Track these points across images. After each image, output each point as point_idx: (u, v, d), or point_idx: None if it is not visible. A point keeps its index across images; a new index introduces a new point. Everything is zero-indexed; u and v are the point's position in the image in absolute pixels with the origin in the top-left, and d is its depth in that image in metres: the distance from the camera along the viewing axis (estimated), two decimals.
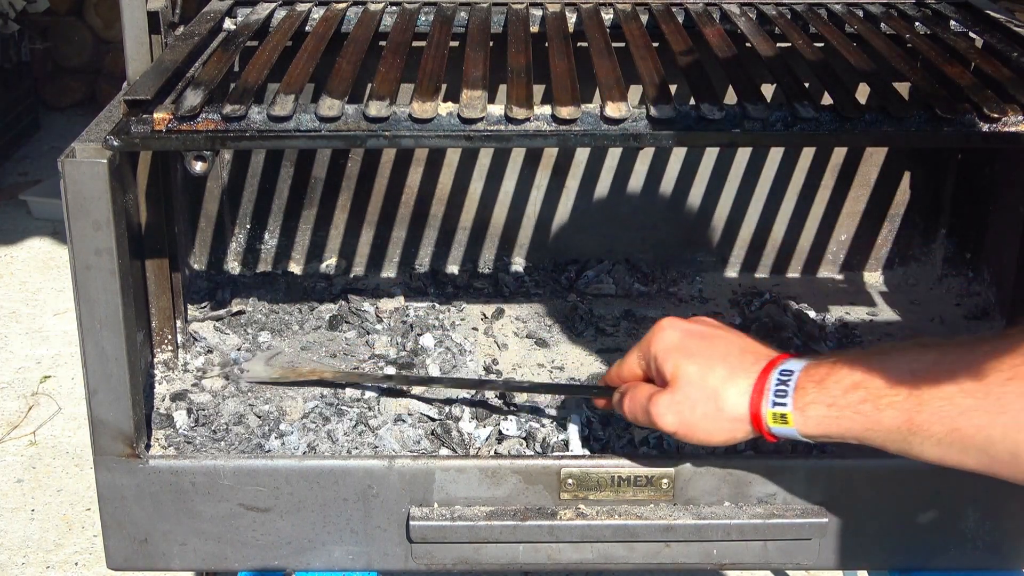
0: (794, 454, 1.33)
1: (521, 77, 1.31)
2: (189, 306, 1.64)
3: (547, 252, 1.83)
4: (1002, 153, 1.66)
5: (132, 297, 1.26)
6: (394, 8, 1.61)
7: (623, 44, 1.46)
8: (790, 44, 1.50)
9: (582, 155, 1.78)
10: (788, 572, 2.50)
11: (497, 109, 1.20)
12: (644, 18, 1.60)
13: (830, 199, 1.81)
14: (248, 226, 1.80)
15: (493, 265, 1.83)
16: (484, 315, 1.69)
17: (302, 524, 1.30)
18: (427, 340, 1.59)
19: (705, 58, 1.41)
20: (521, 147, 1.72)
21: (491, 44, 1.46)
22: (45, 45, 5.96)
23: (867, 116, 1.21)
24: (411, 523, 1.28)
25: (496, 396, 1.46)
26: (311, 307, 1.69)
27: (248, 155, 1.76)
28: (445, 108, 1.20)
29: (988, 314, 1.69)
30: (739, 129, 1.20)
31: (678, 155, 1.78)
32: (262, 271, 1.82)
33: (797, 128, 1.21)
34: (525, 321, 1.68)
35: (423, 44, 1.44)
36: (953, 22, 1.61)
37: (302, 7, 1.61)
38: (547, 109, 1.20)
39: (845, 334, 1.64)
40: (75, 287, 1.21)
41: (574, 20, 1.60)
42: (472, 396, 1.45)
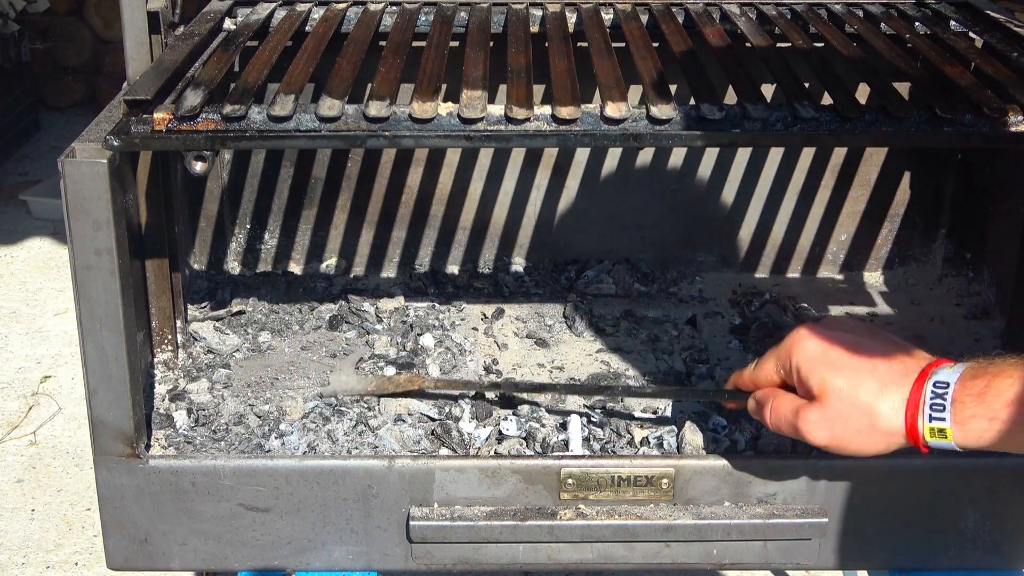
0: (794, 454, 1.33)
1: (521, 77, 1.31)
2: (189, 306, 1.64)
3: (547, 252, 1.83)
4: (1002, 153, 1.66)
5: (132, 297, 1.26)
6: (394, 8, 1.61)
7: (623, 44, 1.46)
8: (790, 44, 1.50)
9: (582, 155, 1.78)
10: (788, 572, 2.50)
11: (497, 109, 1.20)
12: (644, 18, 1.60)
13: (830, 199, 1.81)
14: (248, 226, 1.80)
15: (493, 265, 1.83)
16: (484, 315, 1.69)
17: (302, 524, 1.30)
18: (427, 340, 1.59)
19: (705, 58, 1.41)
20: (521, 147, 1.72)
21: (491, 44, 1.46)
22: (45, 45, 5.96)
23: (867, 116, 1.21)
24: (411, 523, 1.28)
25: (496, 396, 1.46)
26: (311, 307, 1.69)
27: (248, 155, 1.76)
28: (445, 108, 1.20)
29: (988, 314, 1.69)
30: (739, 129, 1.20)
31: (678, 155, 1.78)
32: (262, 271, 1.82)
33: (797, 128, 1.21)
34: (525, 321, 1.68)
35: (423, 44, 1.44)
36: (953, 22, 1.61)
37: (302, 7, 1.61)
38: (547, 109, 1.20)
39: None
40: (75, 287, 1.21)
41: (574, 20, 1.60)
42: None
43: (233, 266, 1.82)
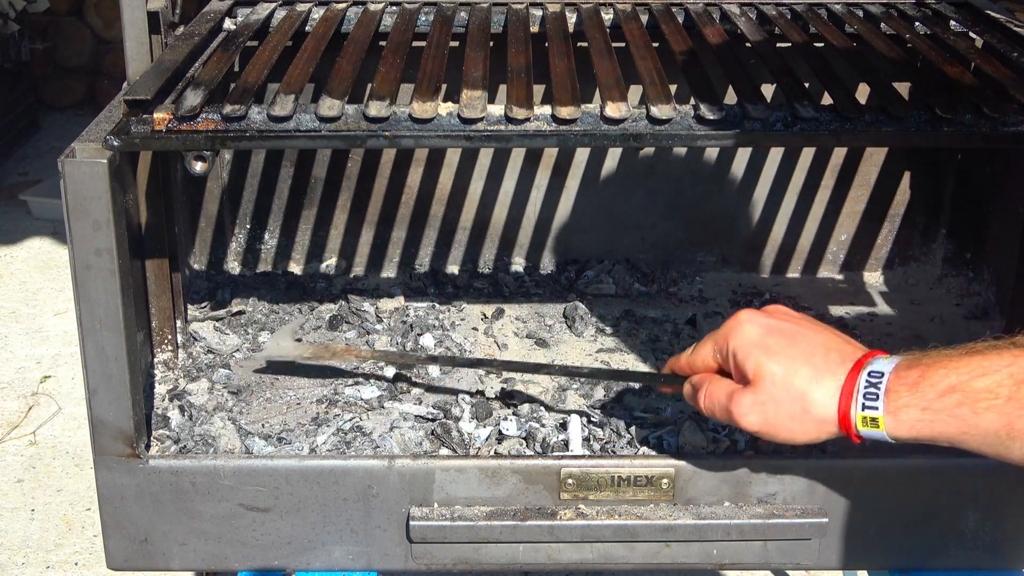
0: (794, 454, 1.33)
1: (521, 77, 1.31)
2: (189, 306, 1.64)
3: (547, 252, 1.83)
4: (1002, 153, 1.66)
5: (132, 297, 1.26)
6: (394, 8, 1.61)
7: (623, 44, 1.46)
8: (790, 44, 1.50)
9: (582, 155, 1.78)
10: (788, 572, 2.50)
11: (497, 109, 1.20)
12: (644, 18, 1.60)
13: (830, 199, 1.81)
14: (248, 226, 1.80)
15: (493, 265, 1.83)
16: (484, 315, 1.69)
17: (302, 524, 1.30)
18: (427, 340, 1.59)
19: (705, 58, 1.41)
20: (521, 147, 1.72)
21: (491, 44, 1.46)
22: (45, 45, 5.96)
23: (867, 116, 1.21)
24: (411, 523, 1.28)
25: (496, 396, 1.46)
26: (311, 307, 1.69)
27: (248, 155, 1.76)
28: (445, 108, 1.20)
29: (988, 314, 1.69)
30: (739, 129, 1.20)
31: (678, 155, 1.78)
32: (262, 271, 1.82)
33: (797, 128, 1.21)
34: (525, 321, 1.68)
35: (423, 44, 1.44)
36: (953, 22, 1.61)
37: (302, 7, 1.61)
38: (547, 109, 1.20)
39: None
40: (75, 287, 1.21)
41: (574, 20, 1.60)
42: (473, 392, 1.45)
43: (233, 266, 1.82)
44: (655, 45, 1.44)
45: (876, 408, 1.04)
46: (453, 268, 1.83)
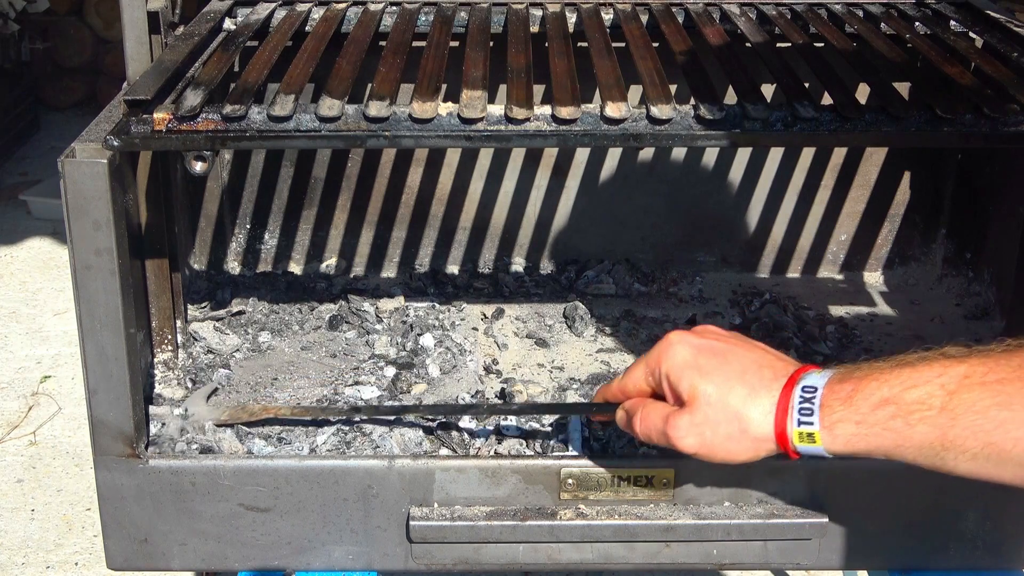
0: None
1: (521, 77, 1.31)
2: (189, 306, 1.64)
3: (547, 252, 1.83)
4: (1002, 153, 1.66)
5: (132, 297, 1.26)
6: (394, 8, 1.61)
7: (623, 44, 1.46)
8: (790, 44, 1.50)
9: (582, 155, 1.78)
10: (788, 572, 2.50)
11: (497, 109, 1.20)
12: (644, 18, 1.60)
13: (830, 199, 1.81)
14: (248, 226, 1.80)
15: (493, 265, 1.83)
16: (484, 315, 1.69)
17: (302, 524, 1.30)
18: (427, 340, 1.59)
19: (705, 58, 1.41)
20: (521, 147, 1.72)
21: (491, 44, 1.46)
22: (45, 45, 5.96)
23: (867, 116, 1.21)
24: (411, 523, 1.28)
25: (496, 396, 1.46)
26: (311, 307, 1.69)
27: (248, 155, 1.76)
28: (445, 108, 1.20)
29: (988, 314, 1.69)
30: (739, 129, 1.20)
31: (678, 155, 1.78)
32: (262, 271, 1.82)
33: (797, 128, 1.21)
34: (525, 321, 1.68)
35: (423, 44, 1.44)
36: (953, 22, 1.61)
37: (302, 7, 1.61)
38: (547, 109, 1.20)
39: (845, 334, 1.64)
40: (75, 287, 1.21)
41: (574, 20, 1.60)
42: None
43: (233, 266, 1.82)
44: (655, 45, 1.44)
45: (811, 424, 1.04)
46: (453, 268, 1.83)
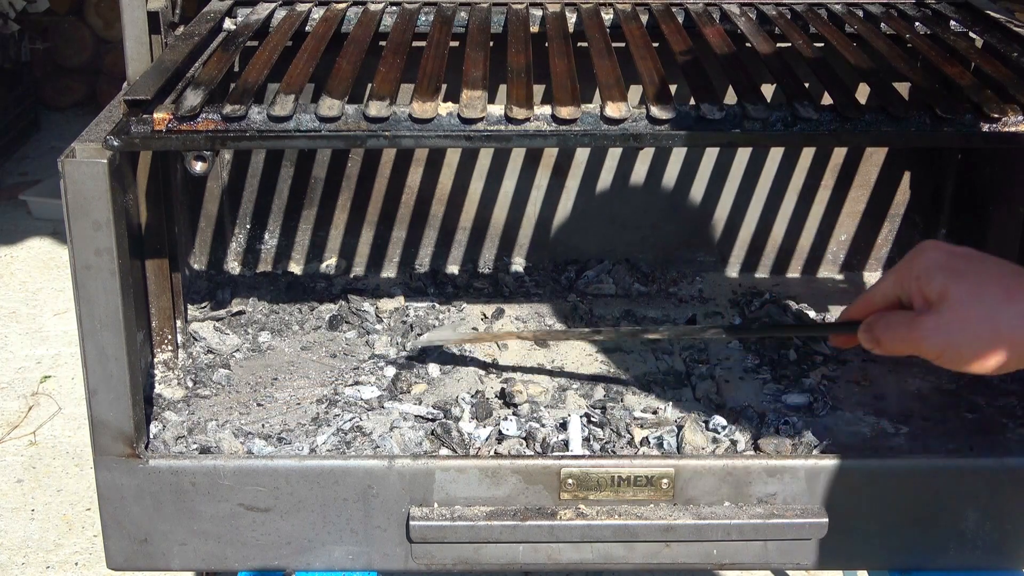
0: (794, 454, 1.33)
1: (521, 77, 1.31)
2: (189, 306, 1.64)
3: (547, 252, 1.83)
4: (1002, 153, 1.66)
5: (132, 297, 1.26)
6: (394, 8, 1.61)
7: (623, 44, 1.46)
8: (790, 44, 1.50)
9: (582, 155, 1.78)
10: (788, 572, 2.50)
11: (497, 109, 1.20)
12: (644, 18, 1.60)
13: (830, 199, 1.81)
14: (248, 226, 1.80)
15: (493, 265, 1.83)
16: (484, 315, 1.69)
17: (302, 524, 1.30)
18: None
19: (705, 58, 1.41)
20: (521, 147, 1.72)
21: (491, 44, 1.46)
22: (45, 45, 5.96)
23: (867, 116, 1.21)
24: (411, 523, 1.28)
25: (496, 396, 1.47)
26: (311, 307, 1.69)
27: (248, 155, 1.76)
28: (445, 108, 1.20)
29: None
30: (739, 129, 1.20)
31: (678, 155, 1.78)
32: (262, 271, 1.82)
33: (797, 128, 1.21)
34: (525, 321, 1.68)
35: (423, 44, 1.44)
36: (953, 22, 1.61)
37: (302, 7, 1.61)
38: (547, 109, 1.20)
39: None
40: (75, 287, 1.21)
41: (574, 20, 1.60)
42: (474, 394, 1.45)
43: (233, 266, 1.82)
44: (655, 45, 1.44)
45: None
46: (453, 268, 1.83)
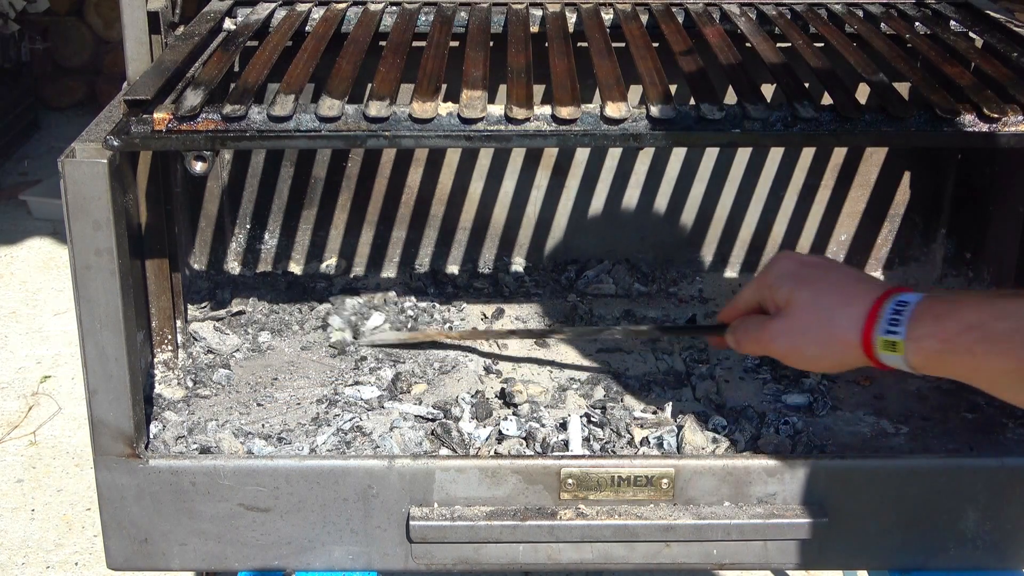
0: (794, 454, 1.33)
1: (521, 77, 1.31)
2: (189, 306, 1.64)
3: (547, 252, 1.83)
4: (1002, 153, 1.66)
5: (132, 297, 1.26)
6: (394, 8, 1.61)
7: (623, 44, 1.46)
8: (790, 44, 1.50)
9: (582, 155, 1.78)
10: (788, 572, 2.50)
11: (497, 109, 1.20)
12: (644, 18, 1.60)
13: (830, 199, 1.81)
14: (248, 226, 1.80)
15: (493, 265, 1.83)
16: (484, 315, 1.69)
17: (302, 524, 1.30)
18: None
19: (705, 58, 1.41)
20: (521, 147, 1.72)
21: (491, 44, 1.46)
22: (45, 45, 5.96)
23: (867, 116, 1.21)
24: (411, 523, 1.28)
25: (496, 396, 1.47)
26: (311, 307, 1.69)
27: (248, 155, 1.76)
28: (445, 108, 1.20)
29: None
30: (739, 129, 1.20)
31: (678, 155, 1.78)
32: (262, 271, 1.82)
33: (797, 128, 1.21)
34: (525, 321, 1.68)
35: (423, 44, 1.44)
36: (953, 22, 1.61)
37: (302, 7, 1.61)
38: (547, 109, 1.20)
39: None
40: (75, 287, 1.21)
41: (574, 20, 1.60)
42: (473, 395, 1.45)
43: (233, 266, 1.82)
44: (655, 45, 1.44)
45: (898, 333, 1.06)
46: (453, 268, 1.83)
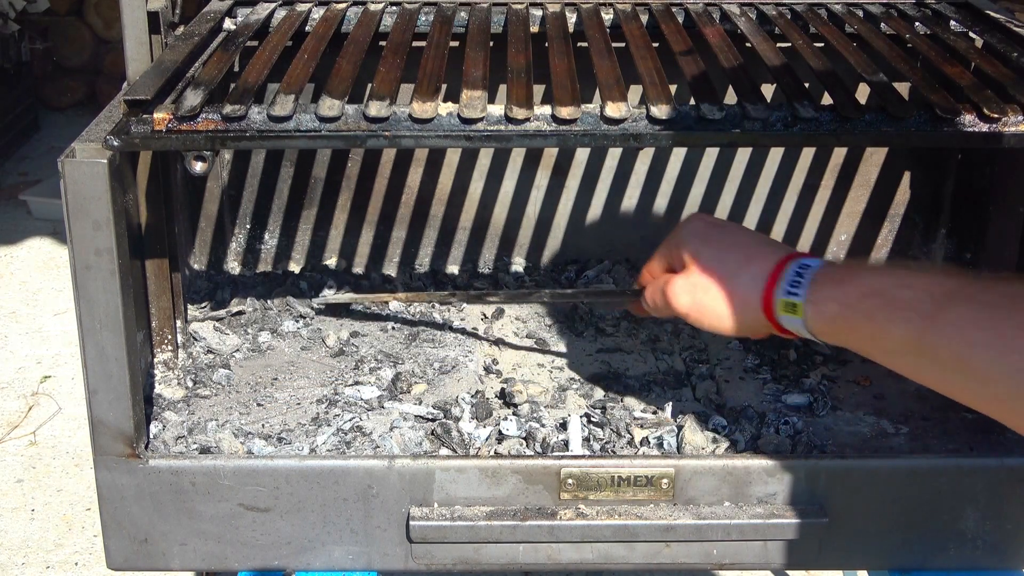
0: (794, 454, 1.33)
1: (521, 77, 1.31)
2: (189, 306, 1.64)
3: (547, 252, 1.83)
4: (1002, 153, 1.66)
5: (132, 297, 1.26)
6: (394, 8, 1.61)
7: (623, 44, 1.46)
8: (790, 44, 1.50)
9: (582, 155, 1.78)
10: (788, 572, 2.50)
11: (497, 109, 1.20)
12: (644, 18, 1.60)
13: (830, 199, 1.81)
14: (248, 226, 1.80)
15: (493, 265, 1.83)
16: (484, 315, 1.69)
17: (302, 524, 1.30)
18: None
19: (705, 58, 1.40)
20: (521, 147, 1.72)
21: (491, 44, 1.46)
22: (45, 45, 5.96)
23: (867, 116, 1.21)
24: (411, 523, 1.28)
25: (496, 396, 1.47)
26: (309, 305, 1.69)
27: (248, 155, 1.76)
28: (445, 108, 1.20)
29: None
30: (739, 129, 1.20)
31: (678, 155, 1.78)
32: (262, 271, 1.82)
33: (797, 128, 1.21)
34: (525, 321, 1.68)
35: (423, 44, 1.44)
36: (953, 22, 1.61)
37: (302, 7, 1.61)
38: (547, 109, 1.20)
39: None
40: (75, 287, 1.21)
41: (574, 20, 1.60)
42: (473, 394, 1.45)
43: (233, 266, 1.82)
44: (655, 45, 1.44)
45: (798, 295, 1.06)
46: (453, 268, 1.83)
